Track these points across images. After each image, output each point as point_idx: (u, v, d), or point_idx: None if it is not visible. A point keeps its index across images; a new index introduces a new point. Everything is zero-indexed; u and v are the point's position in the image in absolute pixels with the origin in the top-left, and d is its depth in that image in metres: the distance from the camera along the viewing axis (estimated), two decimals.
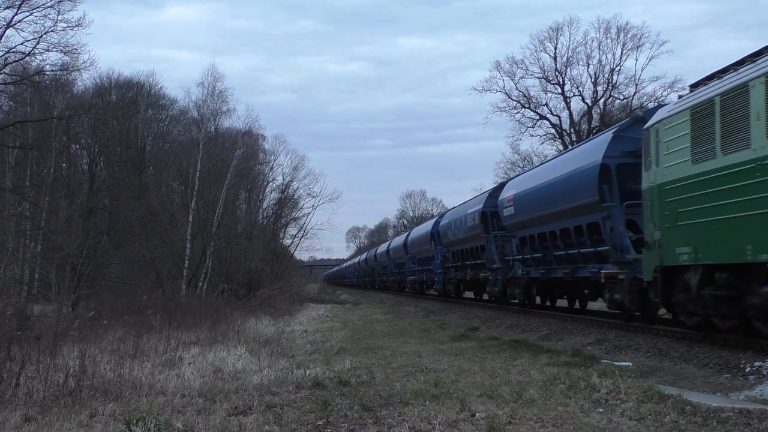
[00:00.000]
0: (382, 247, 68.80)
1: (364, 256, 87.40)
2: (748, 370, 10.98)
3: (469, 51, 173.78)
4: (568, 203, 20.03)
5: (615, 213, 17.35)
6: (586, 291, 22.28)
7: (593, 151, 19.11)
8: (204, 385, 11.11)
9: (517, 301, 26.72)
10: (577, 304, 24.49)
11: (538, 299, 25.38)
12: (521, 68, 57.10)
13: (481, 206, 29.91)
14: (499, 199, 27.14)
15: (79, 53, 27.13)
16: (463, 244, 33.75)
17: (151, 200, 36.33)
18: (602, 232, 18.24)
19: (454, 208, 39.01)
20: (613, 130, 18.77)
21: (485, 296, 33.00)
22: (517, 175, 32.87)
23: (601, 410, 8.45)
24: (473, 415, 8.22)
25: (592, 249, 19.19)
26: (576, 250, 20.33)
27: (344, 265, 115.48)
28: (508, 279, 26.49)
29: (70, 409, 8.94)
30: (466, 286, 36.17)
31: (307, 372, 11.95)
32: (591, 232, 19.25)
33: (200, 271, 31.81)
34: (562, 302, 26.04)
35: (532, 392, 9.46)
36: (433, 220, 43.40)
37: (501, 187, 29.27)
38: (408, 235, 52.74)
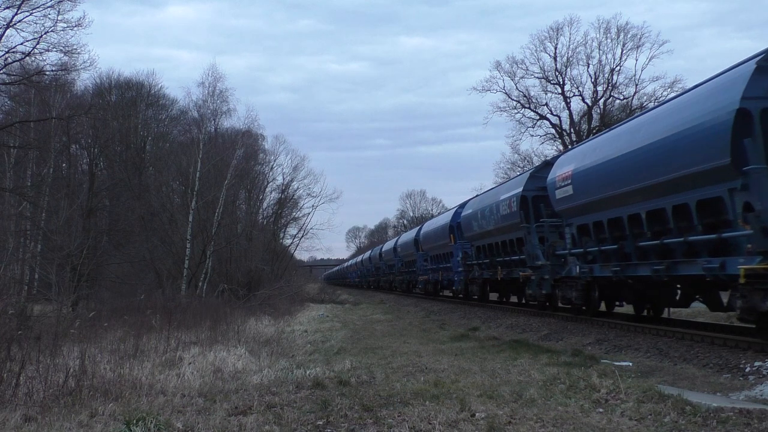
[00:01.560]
0: (389, 244, 63.40)
1: (367, 254, 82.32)
2: (748, 370, 10.98)
3: (470, 50, 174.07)
4: (671, 173, 14.11)
5: (761, 182, 11.76)
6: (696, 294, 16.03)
7: (721, 91, 12.92)
8: (204, 385, 11.11)
9: (569, 306, 21.49)
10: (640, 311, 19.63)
11: (602, 304, 20.30)
12: (521, 68, 57.16)
13: (520, 189, 24.13)
14: (549, 178, 21.41)
15: (79, 53, 27.10)
16: (491, 237, 28.17)
17: (151, 200, 36.34)
18: (728, 212, 12.70)
19: (478, 195, 32.79)
20: (756, 60, 12.36)
21: (519, 299, 28.27)
22: (573, 148, 25.28)
23: (601, 410, 8.45)
24: (473, 415, 8.22)
25: (713, 236, 13.03)
26: (679, 239, 14.21)
27: (346, 264, 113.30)
28: (559, 279, 21.13)
29: (70, 409, 8.93)
30: (493, 287, 30.58)
31: (307, 372, 11.95)
32: (705, 212, 13.52)
33: (200, 271, 31.82)
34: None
35: (532, 392, 9.46)
36: (452, 210, 37.45)
37: (546, 165, 23.83)
38: (420, 229, 46.75)
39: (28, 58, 26.38)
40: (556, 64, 56.56)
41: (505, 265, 26.33)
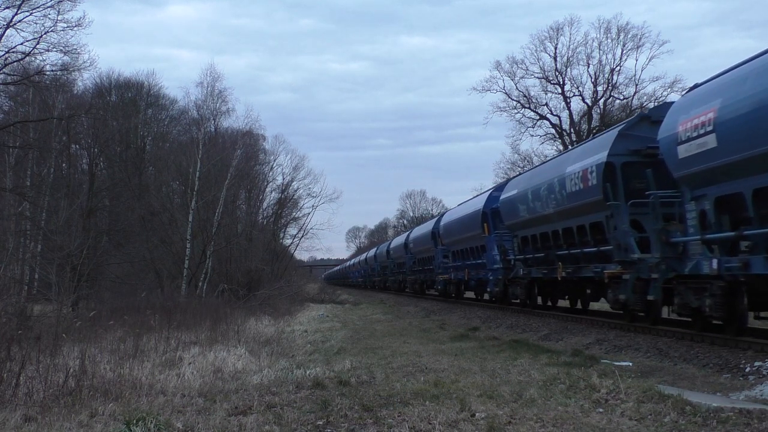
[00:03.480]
0: (399, 239, 57.73)
1: (372, 251, 76.44)
2: (748, 370, 10.98)
3: (471, 50, 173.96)
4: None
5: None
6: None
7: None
8: (204, 385, 11.11)
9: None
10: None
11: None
12: (521, 68, 57.17)
13: (604, 155, 19.20)
14: (667, 130, 16.39)
15: (79, 53, 27.18)
16: (548, 225, 22.98)
17: (151, 200, 36.34)
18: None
19: (523, 173, 30.67)
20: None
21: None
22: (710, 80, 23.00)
23: (601, 410, 8.45)
24: (473, 415, 8.22)
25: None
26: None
27: (348, 263, 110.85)
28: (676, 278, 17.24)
29: (70, 409, 8.93)
30: (548, 289, 25.63)
31: (307, 372, 11.96)
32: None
33: (200, 271, 31.82)
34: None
35: (532, 392, 9.46)
36: (484, 194, 32.28)
37: (643, 120, 19.65)
38: (439, 220, 39.67)
39: (28, 58, 26.44)
40: (556, 64, 56.63)
41: (571, 260, 20.24)
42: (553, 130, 58.46)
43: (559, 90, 57.13)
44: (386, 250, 60.94)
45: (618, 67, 55.35)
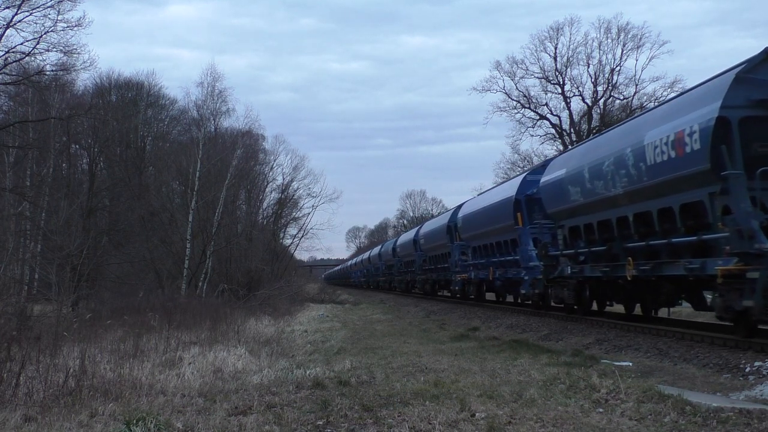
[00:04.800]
0: (406, 236, 53.08)
1: (376, 250, 72.12)
2: (748, 370, 10.98)
3: (472, 49, 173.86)
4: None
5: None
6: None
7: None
8: (204, 385, 11.11)
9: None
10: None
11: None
12: (521, 68, 57.16)
13: (716, 106, 13.58)
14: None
15: (78, 53, 27.19)
16: (614, 210, 18.37)
17: (151, 200, 36.36)
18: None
19: (572, 148, 25.14)
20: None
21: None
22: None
23: (601, 410, 8.45)
24: (473, 415, 8.22)
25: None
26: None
27: (349, 263, 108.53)
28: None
29: (70, 409, 8.93)
30: (606, 291, 20.36)
31: (307, 372, 11.96)
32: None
33: (200, 271, 31.82)
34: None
35: (532, 392, 9.46)
36: (516, 179, 27.92)
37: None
38: (456, 213, 34.90)
39: (28, 58, 26.44)
40: (556, 64, 56.62)
41: (647, 254, 15.58)
42: (553, 130, 58.49)
43: (559, 90, 57.17)
44: (392, 248, 56.57)
45: (618, 67, 55.41)
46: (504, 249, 26.62)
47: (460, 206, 35.13)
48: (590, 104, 56.82)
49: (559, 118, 58.15)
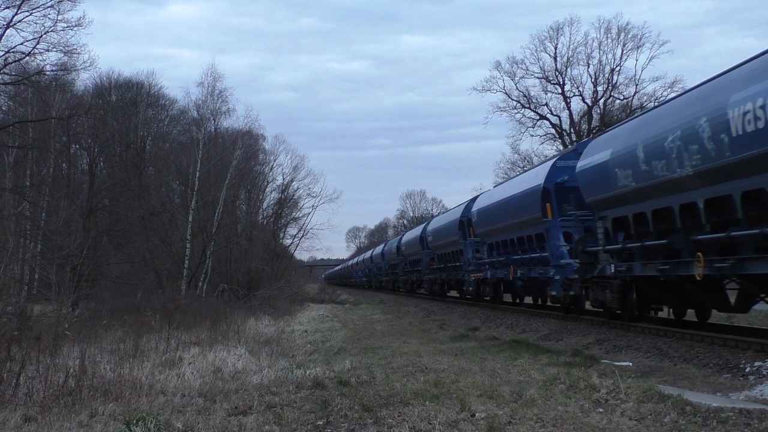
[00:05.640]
0: (412, 233, 49.90)
1: (378, 249, 69.65)
2: (748, 370, 10.98)
3: (472, 49, 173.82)
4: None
5: None
6: None
7: None
8: (204, 385, 11.11)
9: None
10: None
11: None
12: (521, 68, 57.22)
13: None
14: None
15: (78, 53, 27.23)
16: (681, 194, 14.66)
17: (151, 200, 36.33)
18: None
19: (622, 123, 19.21)
20: None
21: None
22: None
23: (601, 410, 8.45)
24: (473, 415, 8.22)
25: None
26: None
27: (350, 262, 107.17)
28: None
29: (70, 409, 8.93)
30: (666, 294, 17.06)
31: (307, 372, 11.96)
32: None
33: (200, 271, 31.81)
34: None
35: (532, 392, 9.46)
36: (544, 164, 24.53)
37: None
38: (470, 206, 32.15)
39: (28, 58, 26.46)
40: (556, 64, 56.66)
41: (722, 247, 13.04)
42: (553, 130, 58.53)
43: (559, 90, 57.22)
44: (396, 246, 54.35)
45: (618, 67, 55.47)
46: (527, 245, 23.86)
47: (474, 199, 32.44)
48: (590, 104, 56.89)
49: (559, 118, 58.24)
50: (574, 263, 19.67)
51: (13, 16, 24.56)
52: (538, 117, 58.57)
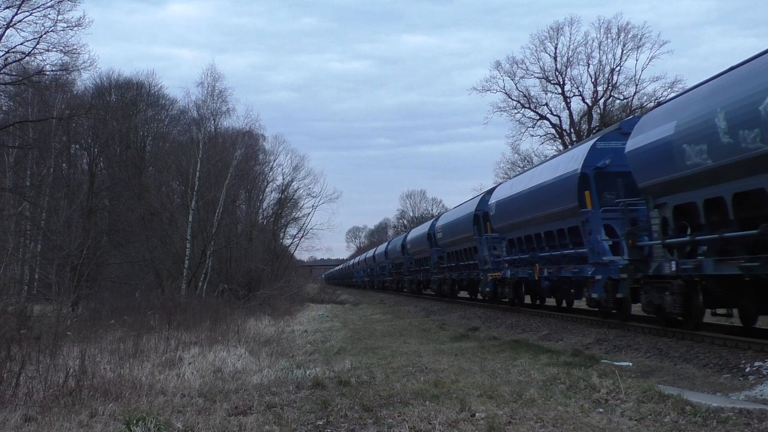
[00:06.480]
0: (419, 230, 46.74)
1: (381, 247, 66.38)
2: (748, 370, 10.98)
3: (473, 49, 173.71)
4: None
5: None
6: None
7: None
8: (204, 385, 11.11)
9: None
10: None
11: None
12: (521, 68, 57.16)
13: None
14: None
15: (79, 53, 27.19)
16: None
17: (151, 200, 36.35)
18: None
19: (684, 91, 16.86)
20: None
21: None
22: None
23: (601, 410, 8.45)
24: (473, 415, 8.22)
25: None
26: None
27: (351, 262, 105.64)
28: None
29: (70, 409, 8.93)
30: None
31: (307, 372, 11.96)
32: None
33: (200, 271, 31.82)
34: None
35: (532, 392, 9.45)
36: (585, 144, 20.90)
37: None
38: (484, 199, 29.74)
39: (28, 58, 26.46)
40: (556, 64, 56.62)
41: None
42: (553, 130, 58.50)
43: (559, 90, 57.19)
44: (401, 244, 51.33)
45: (618, 67, 55.41)
46: (558, 241, 21.12)
47: (491, 190, 30.09)
48: (590, 104, 56.87)
49: (559, 118, 58.21)
50: (618, 261, 17.24)
51: (13, 16, 24.56)
52: (538, 117, 58.58)
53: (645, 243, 15.68)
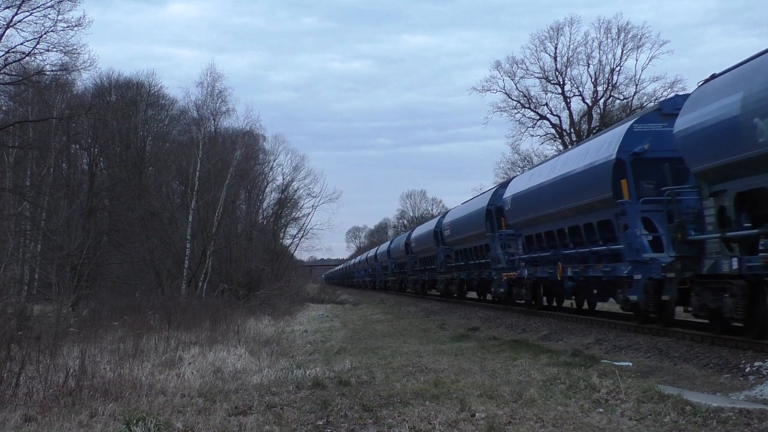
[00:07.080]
0: (425, 227, 44.93)
1: (383, 247, 64.74)
2: (748, 370, 10.98)
3: (473, 49, 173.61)
4: None
5: None
6: None
7: None
8: (204, 385, 11.12)
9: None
10: None
11: None
12: (521, 68, 57.16)
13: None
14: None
15: (79, 53, 27.21)
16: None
17: (151, 200, 36.35)
18: None
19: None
20: None
21: None
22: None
23: (601, 410, 8.45)
24: (473, 415, 8.22)
25: None
26: None
27: (351, 262, 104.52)
28: None
29: (70, 409, 8.94)
30: None
31: (307, 372, 11.96)
32: None
33: (200, 271, 31.82)
34: None
35: (532, 392, 9.45)
36: (625, 124, 18.24)
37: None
38: (499, 191, 27.94)
39: (28, 58, 26.46)
40: (556, 64, 56.62)
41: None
42: (553, 130, 58.50)
43: (559, 90, 57.18)
44: (405, 243, 49.35)
45: (618, 67, 55.40)
46: (585, 236, 19.19)
47: (505, 183, 28.20)
48: (590, 104, 56.88)
49: (559, 118, 58.21)
50: (661, 258, 15.17)
51: (13, 16, 24.56)
52: (538, 117, 58.58)
53: (698, 237, 13.40)
